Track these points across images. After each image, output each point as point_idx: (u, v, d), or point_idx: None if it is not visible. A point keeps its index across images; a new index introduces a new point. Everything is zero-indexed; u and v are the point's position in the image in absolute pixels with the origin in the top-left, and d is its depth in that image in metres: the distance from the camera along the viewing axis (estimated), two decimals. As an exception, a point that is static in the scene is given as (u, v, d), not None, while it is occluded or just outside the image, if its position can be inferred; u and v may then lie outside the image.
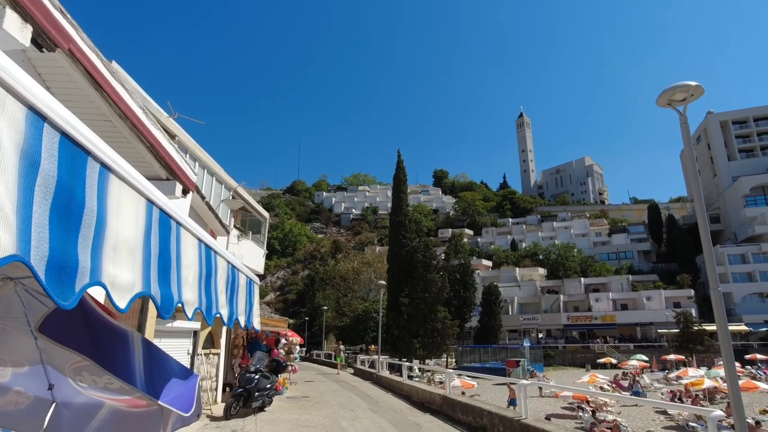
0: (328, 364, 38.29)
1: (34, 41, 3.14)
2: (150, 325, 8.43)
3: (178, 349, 11.53)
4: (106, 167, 1.33)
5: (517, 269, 73.06)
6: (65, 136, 1.17)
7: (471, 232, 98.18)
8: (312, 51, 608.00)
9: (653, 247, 79.83)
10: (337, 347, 36.40)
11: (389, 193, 75.24)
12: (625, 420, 18.19)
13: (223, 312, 2.29)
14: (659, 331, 54.24)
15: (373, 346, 44.79)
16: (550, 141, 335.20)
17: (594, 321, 59.25)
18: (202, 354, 12.66)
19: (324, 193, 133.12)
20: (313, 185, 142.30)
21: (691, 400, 22.42)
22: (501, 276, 70.29)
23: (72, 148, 1.19)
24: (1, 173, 0.98)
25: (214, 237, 13.44)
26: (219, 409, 11.96)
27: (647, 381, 30.56)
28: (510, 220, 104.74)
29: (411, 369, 26.80)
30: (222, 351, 14.36)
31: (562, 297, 63.36)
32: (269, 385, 12.43)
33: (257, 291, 2.90)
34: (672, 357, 42.35)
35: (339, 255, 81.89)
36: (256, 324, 2.78)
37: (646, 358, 42.51)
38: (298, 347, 22.21)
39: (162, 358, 2.74)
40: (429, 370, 31.75)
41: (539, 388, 27.37)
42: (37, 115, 1.09)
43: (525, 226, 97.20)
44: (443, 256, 51.21)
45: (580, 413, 19.02)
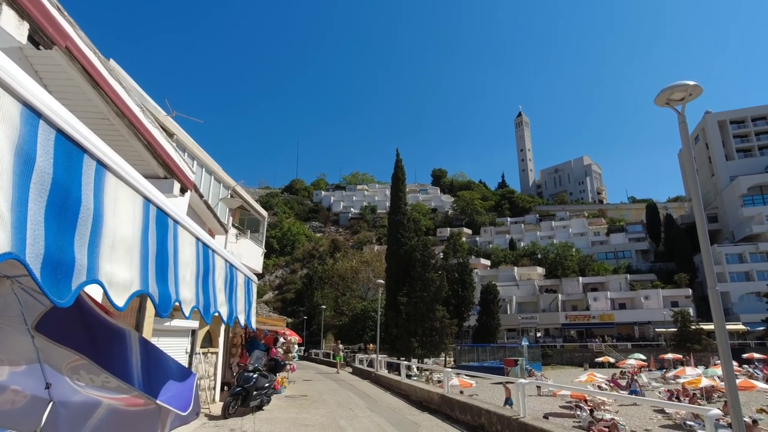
0: (326, 363, 38.29)
1: (30, 39, 3.13)
2: (148, 324, 8.42)
3: (177, 348, 11.52)
4: (102, 165, 1.32)
5: (515, 268, 73.15)
6: (61, 134, 1.16)
7: (469, 231, 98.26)
8: (311, 50, 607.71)
9: (651, 247, 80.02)
10: (336, 346, 36.42)
11: (388, 192, 75.29)
12: (622, 419, 18.24)
13: (223, 310, 2.29)
14: (657, 330, 54.39)
15: (371, 345, 44.81)
16: (548, 140, 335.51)
17: (592, 320, 59.38)
18: (200, 353, 12.65)
19: (322, 192, 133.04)
20: (312, 184, 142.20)
21: (688, 399, 22.50)
22: (499, 275, 70.38)
23: (68, 146, 1.19)
24: (-4, 170, 0.97)
25: (213, 236, 13.42)
26: (217, 408, 11.95)
27: (645, 380, 30.65)
28: (508, 219, 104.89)
29: (409, 368, 26.81)
30: (220, 350, 14.36)
31: (560, 296, 63.47)
32: (267, 384, 12.42)
33: (255, 290, 2.90)
34: (670, 356, 42.46)
35: (337, 254, 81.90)
36: (253, 323, 2.77)
37: (644, 357, 42.63)
38: (296, 346, 22.23)
39: (160, 356, 2.74)
40: (427, 369, 31.78)
41: (537, 387, 27.42)
42: (33, 112, 1.08)
43: (523, 226, 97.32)
44: (442, 255, 51.20)
45: (578, 412, 19.06)
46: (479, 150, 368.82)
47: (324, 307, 56.73)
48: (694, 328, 47.48)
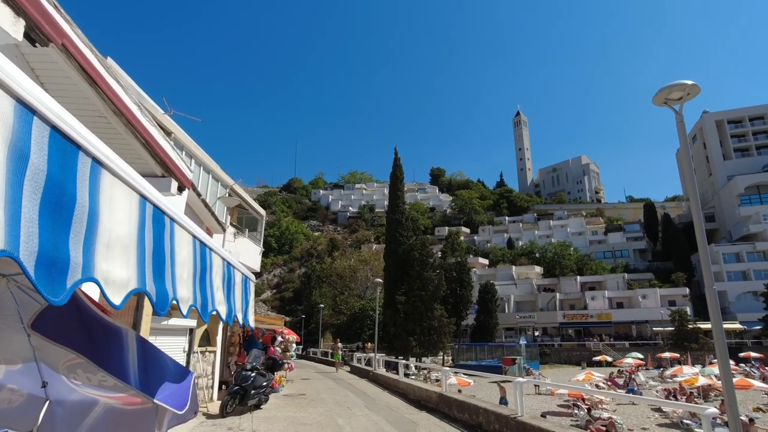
0: (324, 362, 38.29)
1: (26, 36, 3.11)
2: (146, 323, 8.39)
3: (174, 346, 11.50)
4: (98, 162, 1.31)
5: (513, 267, 73.25)
6: (55, 130, 1.15)
7: (468, 231, 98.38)
8: (309, 48, 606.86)
9: (649, 246, 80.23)
10: (335, 345, 36.41)
11: (386, 191, 75.22)
12: (620, 417, 18.30)
13: (221, 309, 2.28)
14: (654, 329, 54.55)
15: (369, 344, 44.83)
16: (547, 139, 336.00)
17: (590, 319, 59.52)
18: (198, 352, 12.63)
19: (321, 190, 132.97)
20: (310, 183, 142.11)
21: (685, 397, 22.58)
22: (497, 274, 70.47)
23: (63, 143, 1.17)
24: (-12, 167, 0.96)
25: (211, 234, 13.40)
26: (215, 406, 11.93)
27: (642, 379, 30.74)
28: (506, 218, 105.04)
29: (407, 367, 26.84)
30: (218, 349, 14.34)
31: (558, 295, 63.59)
32: (265, 383, 12.41)
33: (253, 288, 2.89)
34: (667, 355, 42.61)
35: (336, 253, 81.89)
36: (251, 321, 2.76)
37: (642, 356, 42.76)
38: (294, 345, 22.21)
39: (157, 355, 2.72)
40: (425, 368, 31.80)
41: (535, 386, 27.49)
42: (26, 109, 1.07)
43: (521, 225, 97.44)
44: (440, 254, 51.25)
45: (576, 411, 19.11)
46: (477, 149, 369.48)
47: (322, 306, 56.73)
48: (691, 327, 47.63)
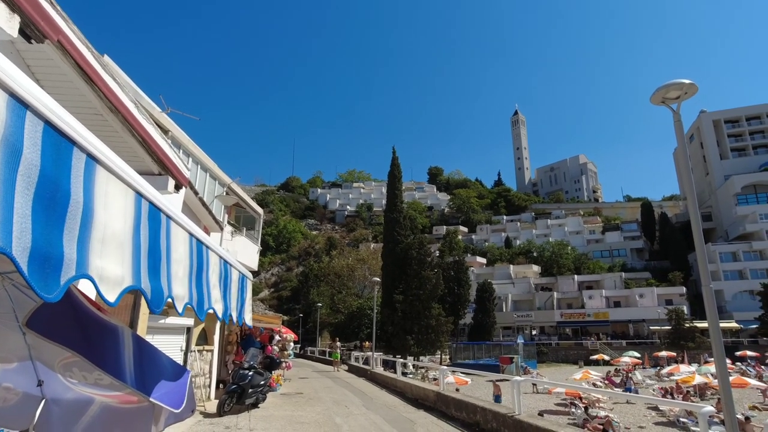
0: (322, 361, 38.28)
1: (22, 32, 3.09)
2: (143, 322, 8.37)
3: (171, 345, 11.47)
4: (92, 158, 1.30)
5: (511, 266, 73.35)
6: (49, 125, 1.14)
7: (465, 230, 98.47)
8: (307, 47, 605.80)
9: (646, 245, 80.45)
10: (334, 344, 36.39)
11: (384, 189, 75.11)
12: (617, 416, 18.35)
13: (217, 307, 2.26)
14: (651, 328, 54.74)
15: (367, 343, 44.83)
16: (544, 139, 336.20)
17: (587, 318, 59.68)
18: (195, 350, 12.61)
19: (319, 189, 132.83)
20: (308, 182, 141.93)
21: (682, 396, 22.68)
22: (495, 273, 70.55)
23: (57, 138, 1.16)
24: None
25: (208, 233, 13.37)
26: (212, 405, 11.92)
27: (639, 377, 30.83)
28: (504, 217, 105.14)
29: (405, 366, 26.86)
30: (215, 348, 14.31)
31: (555, 294, 63.72)
32: (263, 382, 12.40)
33: (250, 287, 2.87)
34: (664, 354, 42.75)
35: (333, 252, 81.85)
36: (248, 320, 2.75)
37: (639, 355, 42.91)
38: (292, 344, 22.18)
39: (153, 354, 2.71)
40: (423, 367, 31.84)
41: (533, 385, 27.56)
42: (19, 103, 1.06)
43: (519, 224, 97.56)
44: (438, 253, 51.33)
45: (573, 409, 19.17)
46: (475, 148, 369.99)
47: (320, 304, 56.72)
48: (688, 326, 47.80)
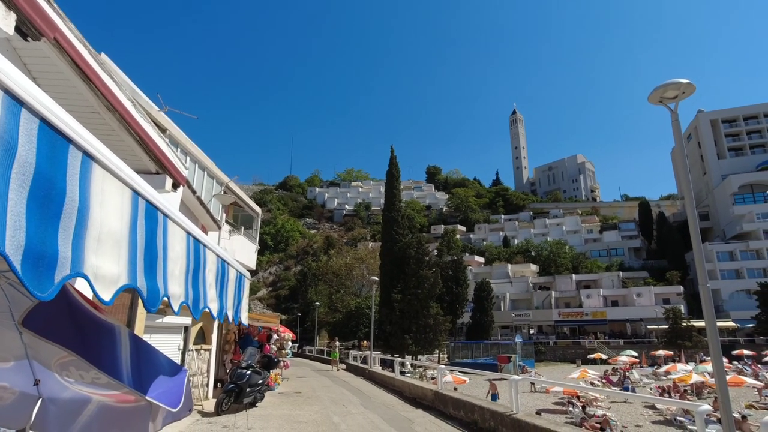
0: (320, 360, 38.27)
1: (18, 30, 3.07)
2: (140, 321, 8.36)
3: (169, 344, 11.45)
4: (88, 156, 1.29)
5: (509, 266, 73.46)
6: (45, 123, 1.13)
7: (463, 229, 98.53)
8: (306, 46, 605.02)
9: (643, 244, 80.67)
10: (332, 343, 36.39)
11: (382, 189, 75.18)
12: (614, 414, 18.41)
13: (213, 306, 2.26)
14: (649, 327, 54.93)
15: (365, 342, 44.87)
16: (543, 138, 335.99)
17: (585, 317, 59.84)
18: (193, 350, 12.59)
19: (317, 188, 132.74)
20: (306, 181, 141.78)
21: (679, 395, 22.76)
22: (493, 272, 70.64)
23: (52, 135, 1.15)
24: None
25: (206, 232, 13.35)
26: (210, 404, 11.92)
27: (636, 376, 30.94)
28: (502, 216, 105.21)
29: (403, 365, 26.89)
30: (213, 347, 14.29)
31: (553, 293, 63.86)
32: (261, 381, 12.39)
33: (247, 286, 2.87)
34: (661, 353, 42.91)
35: (331, 251, 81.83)
36: (244, 319, 2.74)
37: (636, 354, 43.05)
38: (290, 343, 22.17)
39: (150, 353, 2.70)
40: (421, 366, 31.90)
41: (531, 384, 27.63)
42: (14, 100, 1.05)
43: (517, 223, 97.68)
44: (436, 253, 51.41)
45: (571, 408, 19.22)
46: (474, 147, 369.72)
47: (318, 304, 56.70)
48: (685, 325, 47.99)
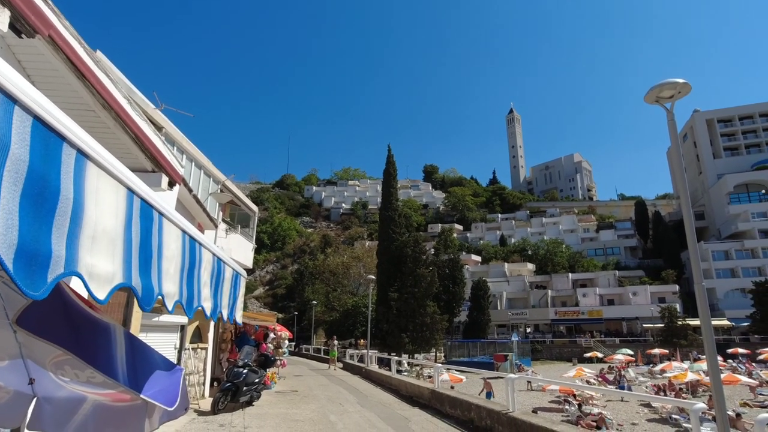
0: (317, 359, 38.27)
1: (12, 27, 3.05)
2: (136, 320, 8.33)
3: (165, 343, 11.42)
4: (83, 154, 1.28)
5: (505, 264, 73.63)
6: (38, 120, 1.12)
7: (460, 228, 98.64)
8: (303, 45, 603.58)
9: (639, 243, 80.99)
10: (331, 342, 36.38)
11: (379, 187, 75.15)
12: (610, 413, 18.50)
13: (207, 305, 2.25)
14: (644, 325, 55.18)
15: (362, 341, 44.91)
16: (540, 137, 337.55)
17: (581, 316, 60.05)
18: (189, 348, 12.56)
19: (314, 187, 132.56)
20: (303, 179, 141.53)
21: (674, 393, 22.87)
22: (490, 271, 70.79)
23: (46, 133, 1.14)
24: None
25: (202, 231, 13.31)
26: (207, 403, 11.89)
27: (632, 375, 31.09)
28: (499, 215, 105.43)
29: (400, 363, 26.92)
30: (210, 345, 14.26)
31: (550, 292, 64.04)
32: (257, 380, 12.37)
33: (243, 285, 2.86)
34: (657, 351, 43.10)
35: (328, 249, 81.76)
36: (239, 318, 2.74)
37: (632, 353, 43.20)
38: (286, 342, 22.16)
39: (145, 351, 2.69)
40: (418, 365, 31.94)
41: (527, 382, 27.71)
42: (7, 98, 1.04)
43: (514, 222, 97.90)
44: (433, 251, 51.39)
45: (567, 406, 19.29)
46: (471, 146, 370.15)
47: (315, 302, 56.67)
48: (680, 323, 48.25)
